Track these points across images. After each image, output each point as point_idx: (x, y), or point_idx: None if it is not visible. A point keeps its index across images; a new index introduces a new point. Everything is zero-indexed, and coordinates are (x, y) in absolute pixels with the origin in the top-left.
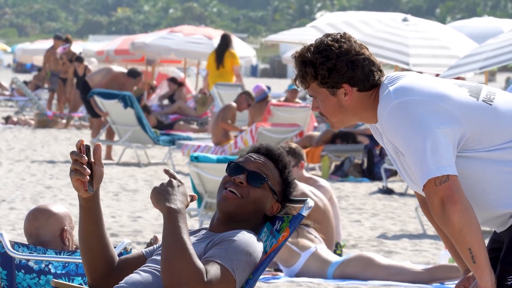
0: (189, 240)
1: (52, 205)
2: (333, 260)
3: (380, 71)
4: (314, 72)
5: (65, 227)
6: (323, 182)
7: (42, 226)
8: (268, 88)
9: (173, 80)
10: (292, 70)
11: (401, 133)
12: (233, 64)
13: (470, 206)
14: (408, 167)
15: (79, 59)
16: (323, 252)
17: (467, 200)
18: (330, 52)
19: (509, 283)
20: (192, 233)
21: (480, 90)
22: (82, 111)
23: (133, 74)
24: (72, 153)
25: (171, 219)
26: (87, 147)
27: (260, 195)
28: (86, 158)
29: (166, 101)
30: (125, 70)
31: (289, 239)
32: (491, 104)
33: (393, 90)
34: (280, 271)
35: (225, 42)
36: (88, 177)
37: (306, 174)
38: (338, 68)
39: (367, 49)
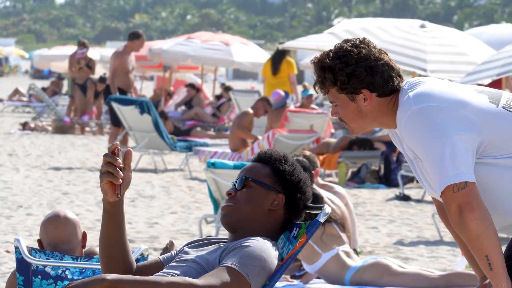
0: (151, 277)
1: (68, 212)
2: (352, 264)
3: (400, 76)
4: (333, 77)
5: (85, 231)
6: (338, 188)
7: (72, 234)
8: (286, 93)
9: (191, 86)
10: (310, 76)
11: (420, 139)
12: (290, 71)
13: (488, 213)
14: (426, 173)
15: (102, 80)
16: (344, 256)
17: (485, 207)
18: (349, 58)
19: None
20: (210, 243)
21: (500, 96)
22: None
23: (136, 36)
24: (106, 155)
25: (120, 284)
26: (120, 151)
27: (249, 194)
28: (120, 161)
29: (183, 107)
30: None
31: (315, 235)
32: (511, 111)
33: (413, 96)
34: (297, 278)
35: (283, 50)
36: (120, 180)
37: (321, 181)
38: (357, 73)
39: (387, 54)
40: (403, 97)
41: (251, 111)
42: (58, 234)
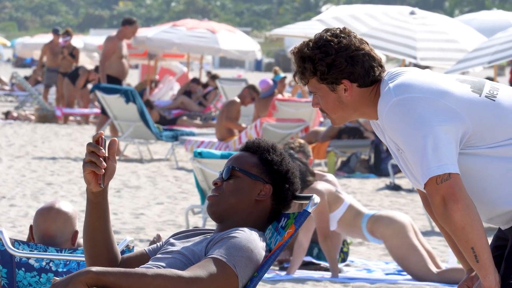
0: (137, 269)
1: (66, 205)
2: (365, 212)
3: (381, 66)
4: (313, 68)
5: (77, 230)
6: (330, 176)
7: (59, 229)
8: (274, 82)
9: (195, 81)
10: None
11: (402, 131)
12: None
13: (473, 204)
14: (410, 164)
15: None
16: (355, 204)
17: (469, 198)
18: (329, 48)
19: None
20: (196, 233)
21: (483, 85)
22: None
23: (129, 21)
24: (90, 144)
25: (106, 276)
26: (104, 141)
27: (235, 184)
28: (104, 151)
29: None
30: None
31: (328, 190)
32: (494, 100)
33: (393, 86)
34: (285, 269)
35: None
36: (103, 170)
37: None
38: (337, 63)
39: (368, 44)
40: (384, 88)
41: (238, 100)
42: (45, 226)
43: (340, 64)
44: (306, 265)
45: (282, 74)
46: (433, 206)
